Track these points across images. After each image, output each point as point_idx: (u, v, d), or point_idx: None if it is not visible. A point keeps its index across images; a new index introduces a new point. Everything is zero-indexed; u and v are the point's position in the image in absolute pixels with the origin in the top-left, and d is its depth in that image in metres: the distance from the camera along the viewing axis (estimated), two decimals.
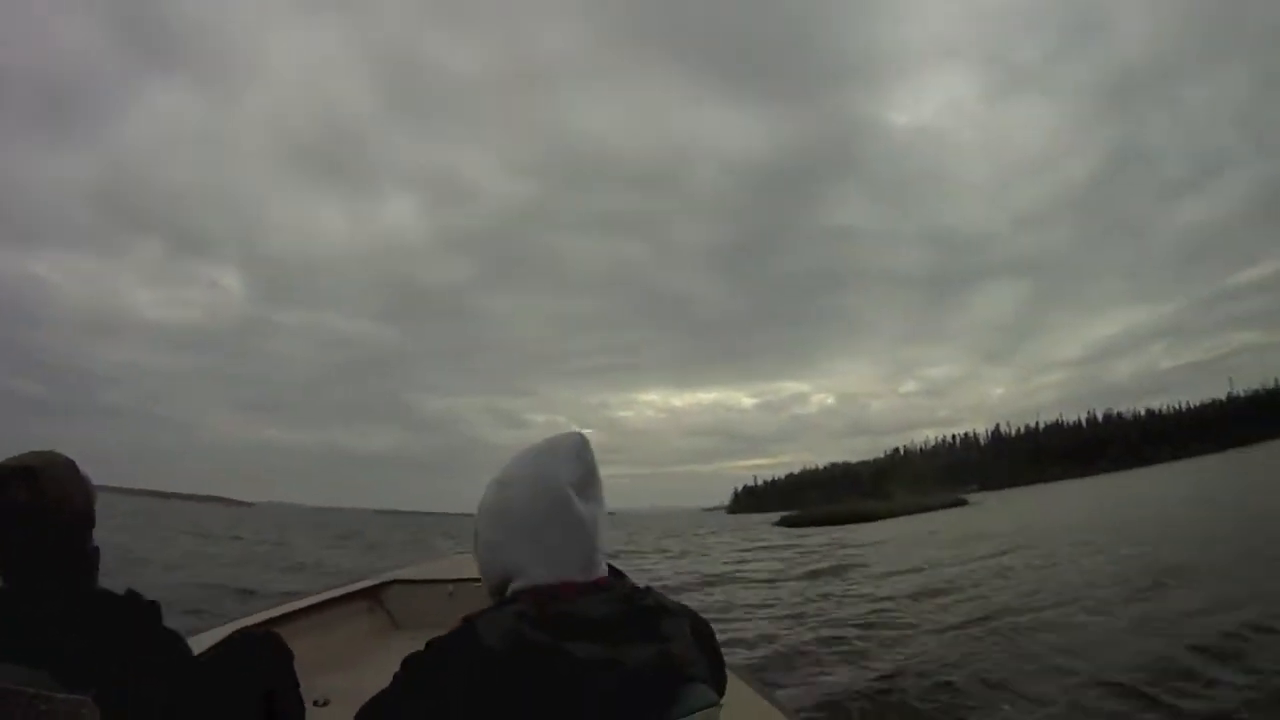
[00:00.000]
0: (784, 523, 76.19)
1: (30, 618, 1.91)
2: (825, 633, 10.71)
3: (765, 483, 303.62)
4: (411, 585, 5.86)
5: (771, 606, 13.89)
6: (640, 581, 1.61)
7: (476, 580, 1.70)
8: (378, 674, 1.60)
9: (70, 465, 2.10)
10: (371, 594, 5.73)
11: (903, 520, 61.95)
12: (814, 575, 19.54)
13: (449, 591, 5.49)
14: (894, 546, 29.64)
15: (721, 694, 1.53)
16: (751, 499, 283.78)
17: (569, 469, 1.55)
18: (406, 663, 1.49)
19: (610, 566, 1.61)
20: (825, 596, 15.14)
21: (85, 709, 1.68)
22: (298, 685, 2.50)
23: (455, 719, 1.37)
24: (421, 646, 1.50)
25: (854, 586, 16.63)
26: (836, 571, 20.18)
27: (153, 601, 2.14)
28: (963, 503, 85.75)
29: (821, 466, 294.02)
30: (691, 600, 7.28)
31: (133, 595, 2.09)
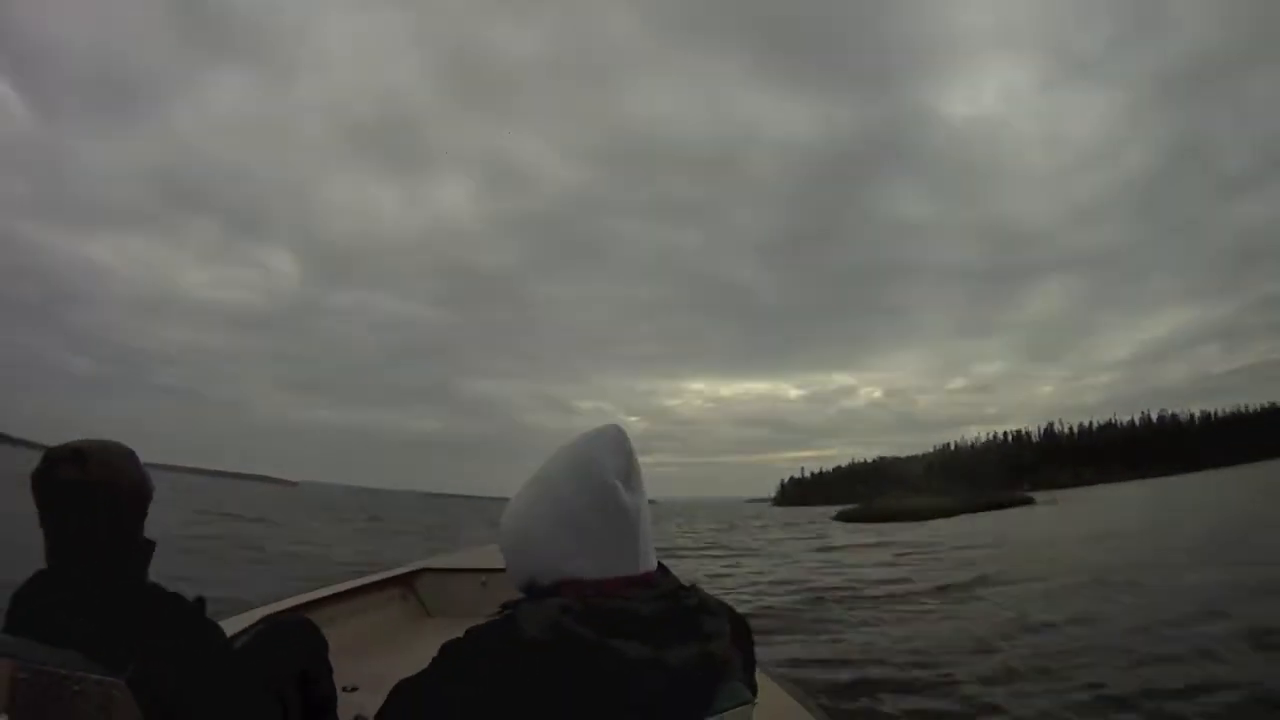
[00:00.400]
0: (843, 518, 71.58)
1: (68, 599, 1.96)
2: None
3: (813, 475, 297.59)
4: (444, 574, 5.85)
5: (984, 653, 8.91)
6: (686, 580, 1.56)
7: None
8: (408, 661, 1.62)
9: (125, 454, 2.13)
10: (404, 581, 5.72)
11: (973, 519, 56.93)
12: (964, 590, 14.64)
13: (481, 581, 5.45)
14: (1012, 549, 24.79)
15: (754, 692, 1.52)
16: (798, 491, 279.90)
17: (612, 461, 1.50)
18: (445, 649, 1.47)
19: (659, 562, 1.57)
20: (1034, 627, 10.26)
21: (117, 691, 1.79)
22: (331, 671, 2.65)
23: (491, 708, 1.35)
24: (453, 635, 1.51)
25: (1043, 607, 11.74)
26: (984, 583, 15.30)
27: (199, 598, 2.19)
28: (1029, 501, 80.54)
29: (870, 460, 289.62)
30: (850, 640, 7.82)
31: (177, 594, 2.10)
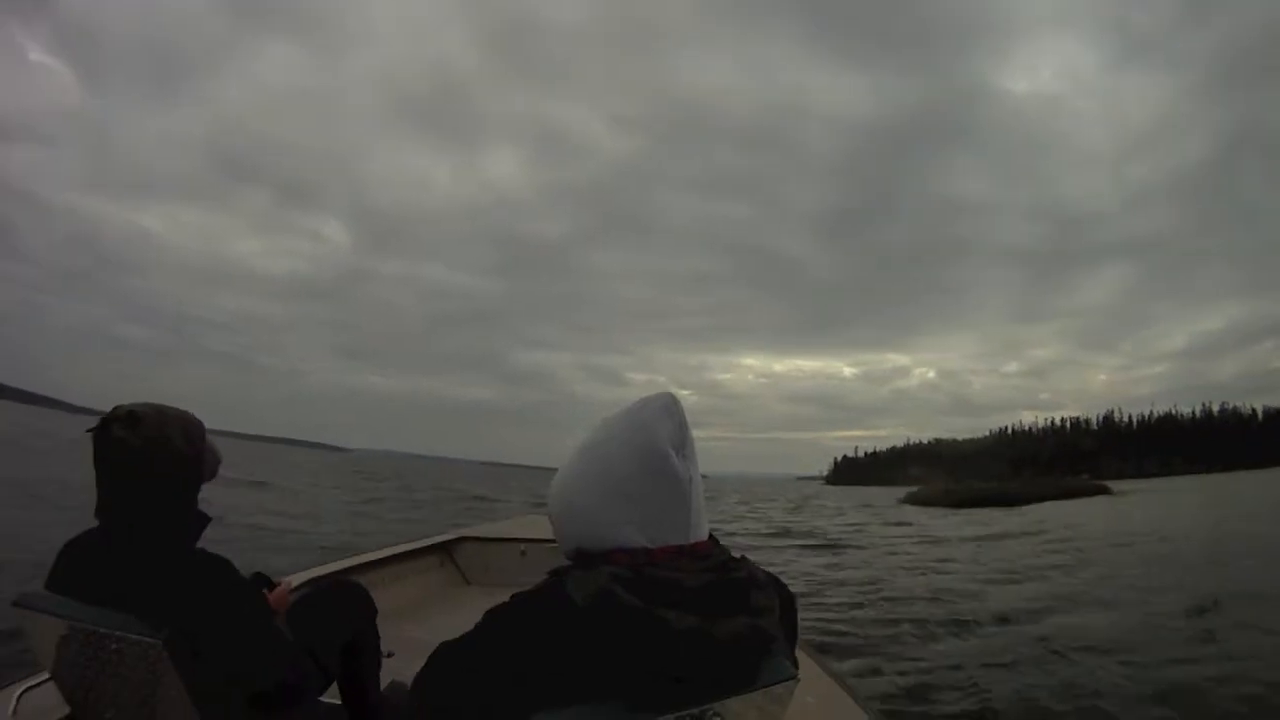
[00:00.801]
0: (912, 501, 65.71)
1: (111, 559, 2.01)
2: None
3: (866, 455, 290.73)
4: (483, 543, 5.94)
5: None
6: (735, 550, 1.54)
7: (549, 541, 1.80)
8: (445, 627, 1.66)
9: (181, 421, 2.16)
10: (444, 549, 5.87)
11: (1058, 506, 51.15)
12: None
13: (521, 550, 5.63)
14: (1182, 546, 19.10)
15: (795, 667, 1.51)
16: (852, 470, 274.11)
17: (665, 428, 1.48)
18: (490, 613, 1.47)
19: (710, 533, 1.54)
20: None
21: (153, 650, 1.84)
22: (379, 637, 2.73)
23: (536, 673, 1.36)
24: (491, 603, 1.51)
25: None
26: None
27: (256, 574, 2.45)
28: (1104, 490, 74.37)
29: (926, 441, 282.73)
30: None
31: (224, 559, 2.10)
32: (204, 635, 1.93)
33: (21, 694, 2.42)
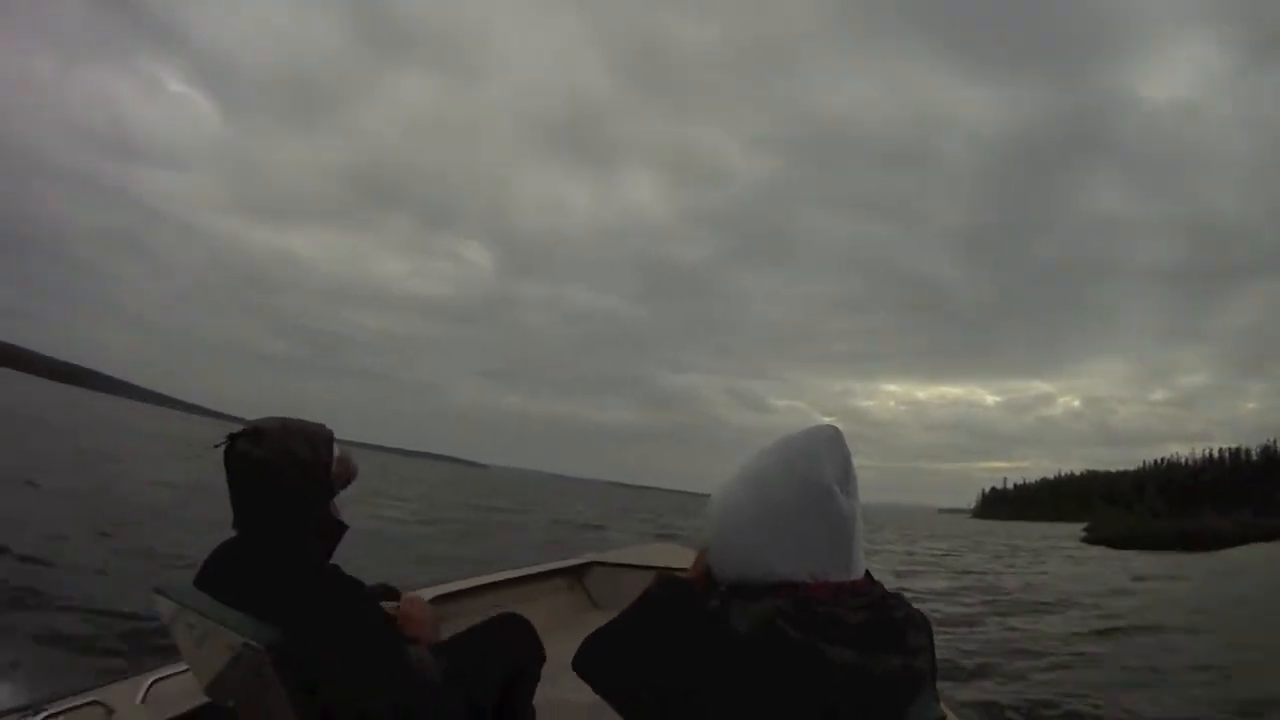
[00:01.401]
0: (1096, 540, 57.69)
1: (241, 566, 2.09)
2: None
3: (1015, 487, 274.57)
4: (613, 568, 5.78)
5: None
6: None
7: (680, 570, 1.75)
8: (572, 649, 1.72)
9: (307, 434, 2.19)
10: (573, 573, 5.74)
11: (1257, 550, 44.82)
12: None
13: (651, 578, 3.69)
14: None
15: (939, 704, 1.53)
16: (1001, 503, 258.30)
17: (830, 464, 1.48)
18: (645, 608, 1.56)
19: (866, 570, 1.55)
20: None
21: (258, 656, 1.89)
22: (538, 680, 2.66)
23: (691, 693, 1.38)
24: None
25: None
26: None
27: (384, 585, 2.48)
28: None
29: (1078, 474, 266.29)
30: None
31: (354, 579, 2.13)
32: (313, 648, 1.95)
33: (152, 684, 2.50)
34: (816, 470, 1.46)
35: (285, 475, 2.11)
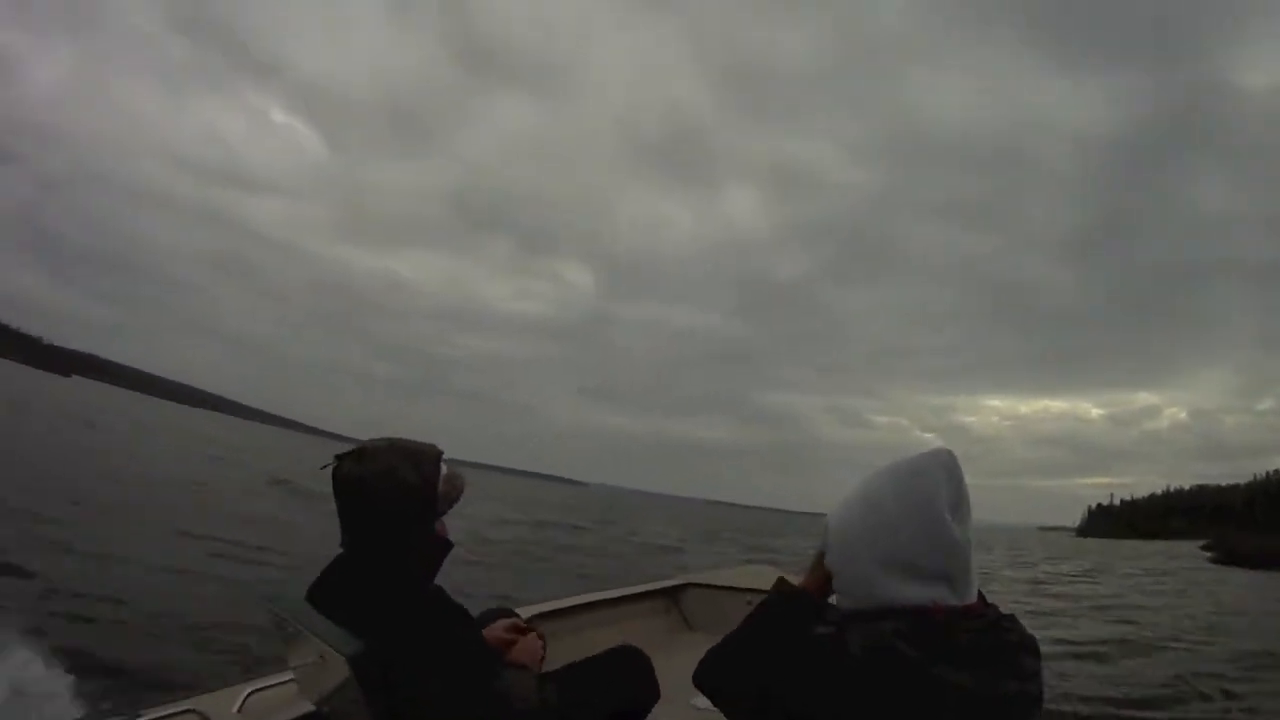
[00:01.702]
0: (1226, 560, 54.50)
1: (343, 583, 2.16)
2: None
3: (1122, 503, 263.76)
4: (710, 590, 5.68)
5: None
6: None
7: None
8: (666, 670, 1.88)
9: (411, 454, 2.21)
10: (669, 594, 5.69)
11: None
12: None
13: (748, 601, 4.08)
14: None
15: None
16: (1108, 521, 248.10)
17: (944, 490, 1.50)
18: (759, 621, 1.65)
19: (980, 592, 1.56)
20: None
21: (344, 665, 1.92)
22: (646, 714, 2.57)
23: (805, 707, 1.43)
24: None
25: None
26: None
27: (500, 608, 2.66)
28: None
29: (1188, 489, 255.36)
30: None
31: (458, 605, 2.21)
32: (405, 669, 1.96)
33: (250, 694, 2.56)
34: (930, 495, 1.47)
35: (386, 495, 2.13)
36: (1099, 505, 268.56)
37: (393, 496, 2.14)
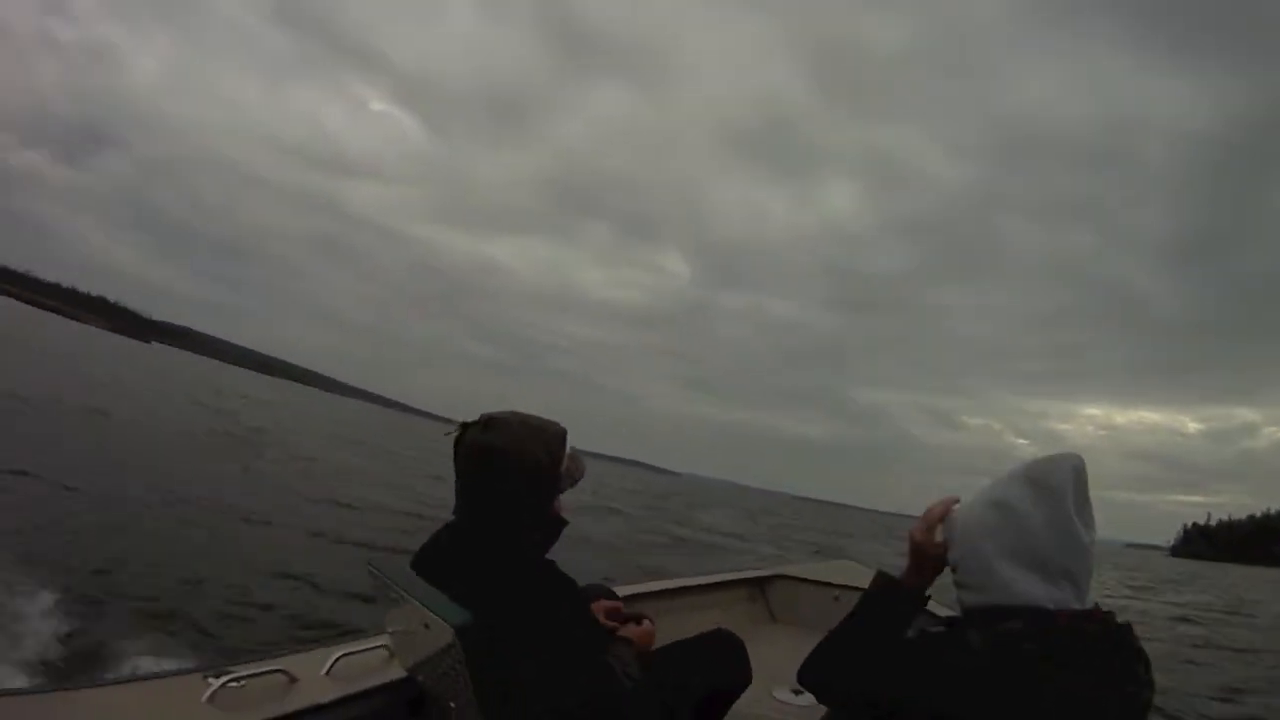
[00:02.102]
0: None
1: (455, 551, 2.13)
2: None
3: (1219, 524, 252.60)
4: (797, 583, 5.66)
5: None
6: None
7: (863, 590, 1.79)
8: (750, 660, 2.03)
9: (538, 429, 2.18)
10: (756, 584, 5.66)
11: None
12: None
13: (834, 596, 5.30)
14: None
15: None
16: (1204, 543, 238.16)
17: (1073, 493, 1.53)
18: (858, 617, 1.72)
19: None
20: None
21: (449, 638, 1.84)
22: (735, 699, 2.60)
23: (923, 710, 1.45)
24: (798, 644, 1.74)
25: None
26: None
27: (601, 585, 2.69)
28: None
29: None
30: None
31: (568, 578, 2.12)
32: (514, 640, 1.92)
33: (339, 657, 2.54)
34: (1060, 498, 1.50)
35: (515, 467, 2.10)
36: (1195, 525, 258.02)
37: (521, 469, 2.11)
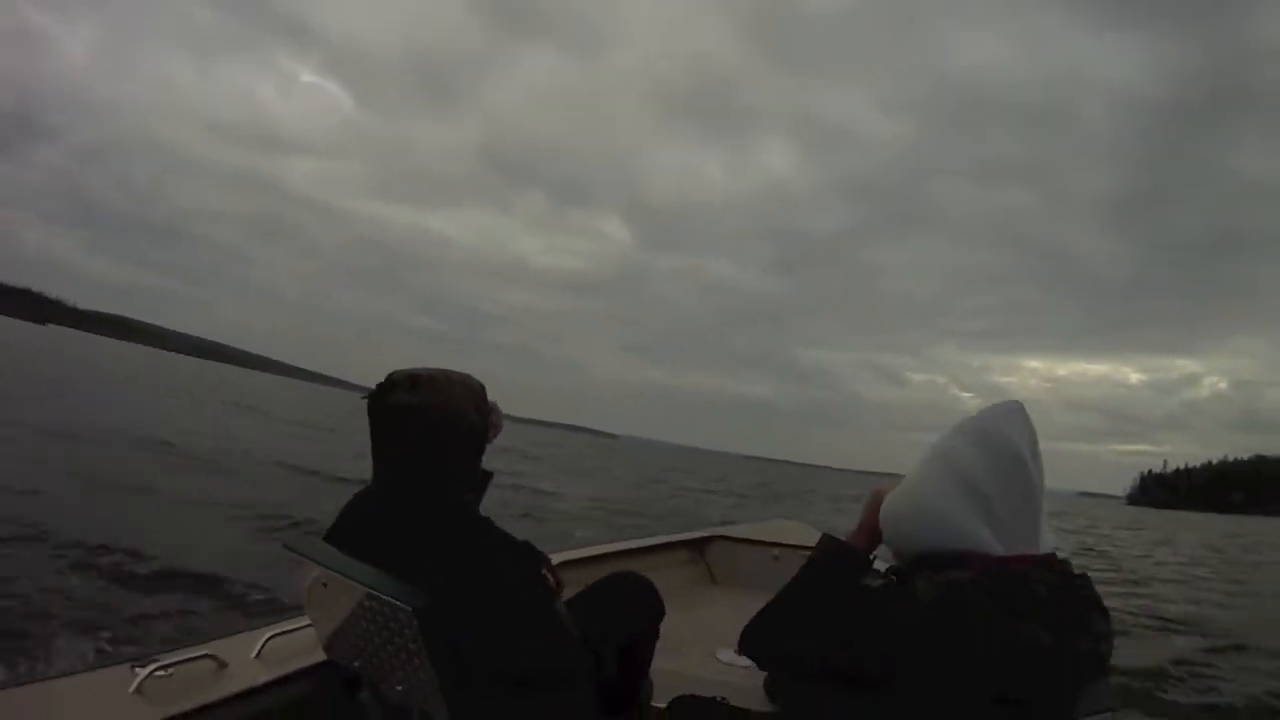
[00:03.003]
0: None
1: (382, 518, 2.02)
2: None
3: (1177, 471, 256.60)
4: (735, 543, 5.62)
5: None
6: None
7: (803, 549, 1.96)
8: (689, 622, 1.96)
9: (463, 383, 2.12)
10: (695, 546, 5.61)
11: None
12: None
13: (774, 555, 5.26)
14: None
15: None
16: (1162, 491, 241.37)
17: (1019, 431, 1.51)
18: (799, 583, 1.65)
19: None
20: None
21: (403, 616, 1.79)
22: (657, 639, 2.61)
23: (863, 653, 1.41)
24: (738, 604, 1.77)
25: None
26: None
27: (525, 542, 2.32)
28: None
29: (1245, 459, 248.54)
30: None
31: (506, 534, 2.11)
32: (465, 603, 1.86)
33: (269, 639, 2.47)
34: (1006, 438, 1.48)
35: (451, 425, 2.04)
36: (1151, 473, 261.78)
37: (457, 428, 2.05)
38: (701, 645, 3.28)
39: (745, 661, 2.00)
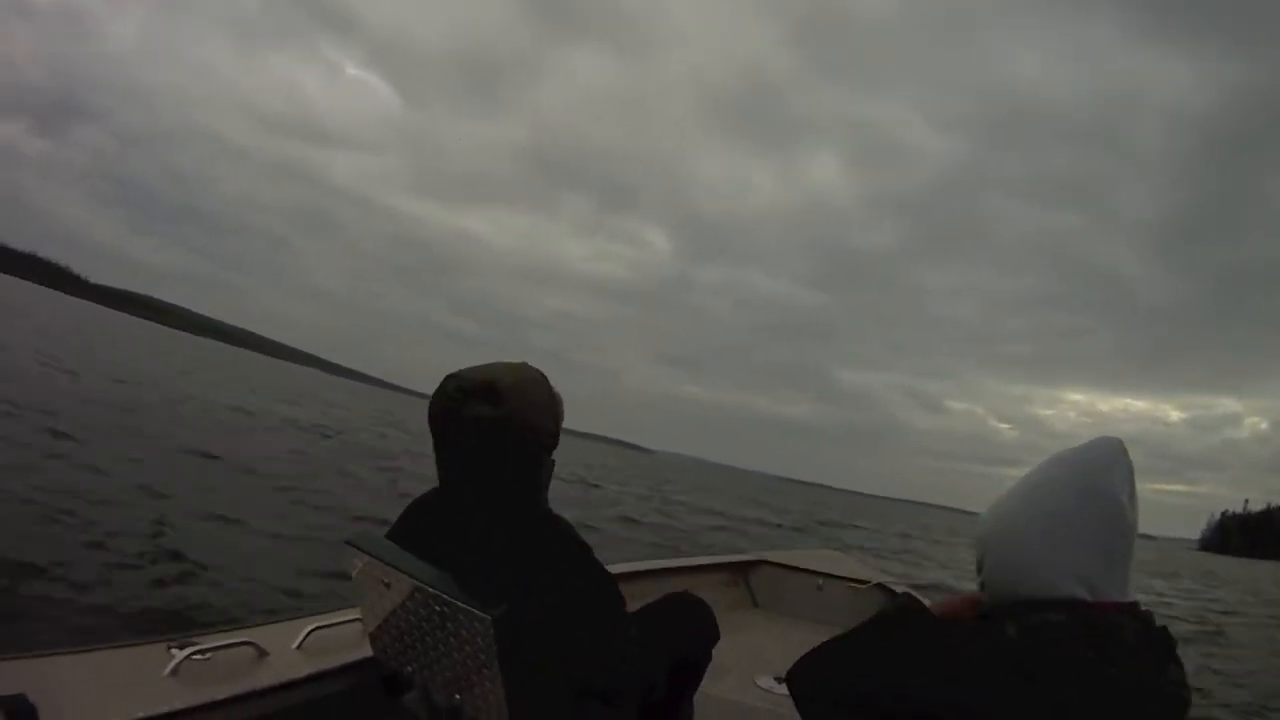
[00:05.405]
0: None
1: (461, 523, 2.01)
2: None
3: (1267, 512, 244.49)
4: (780, 569, 5.66)
5: None
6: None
7: (849, 580, 2.45)
8: (729, 646, 1.82)
9: (538, 381, 2.12)
10: (739, 569, 5.69)
11: None
12: None
13: (818, 584, 5.34)
14: None
15: None
16: (1244, 538, 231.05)
17: (1118, 474, 1.46)
18: (887, 618, 1.59)
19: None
20: None
21: (479, 624, 1.78)
22: (709, 661, 2.61)
23: (946, 694, 1.37)
24: (780, 630, 2.17)
25: None
26: None
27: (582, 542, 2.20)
28: None
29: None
30: None
31: (580, 540, 2.06)
32: (554, 622, 1.87)
33: (312, 630, 2.49)
34: (1106, 481, 1.44)
35: (533, 436, 2.03)
36: (1234, 515, 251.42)
37: (540, 437, 2.05)
38: (741, 670, 3.34)
39: (785, 690, 1.87)
